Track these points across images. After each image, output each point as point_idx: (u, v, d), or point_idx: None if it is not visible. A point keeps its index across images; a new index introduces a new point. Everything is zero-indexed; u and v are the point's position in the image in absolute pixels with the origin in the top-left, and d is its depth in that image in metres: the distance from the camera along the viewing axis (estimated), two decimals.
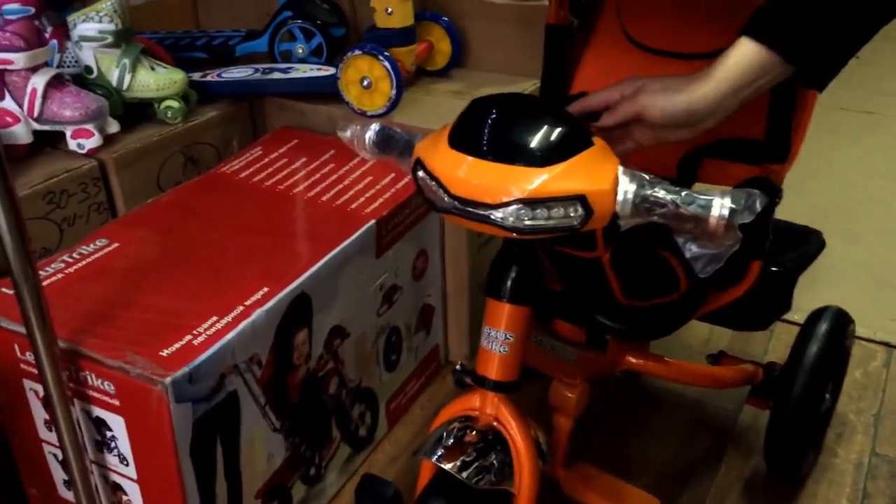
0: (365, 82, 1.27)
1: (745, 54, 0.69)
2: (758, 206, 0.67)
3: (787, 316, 1.17)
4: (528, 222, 0.70)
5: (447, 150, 0.73)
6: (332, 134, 1.33)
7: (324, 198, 1.16)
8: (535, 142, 0.70)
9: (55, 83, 1.16)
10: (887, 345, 1.49)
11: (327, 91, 1.33)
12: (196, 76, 1.38)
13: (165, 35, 1.54)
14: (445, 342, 1.43)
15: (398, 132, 0.84)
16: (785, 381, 1.09)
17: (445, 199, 0.72)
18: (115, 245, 1.03)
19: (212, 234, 1.07)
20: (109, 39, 1.22)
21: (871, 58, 0.71)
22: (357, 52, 1.26)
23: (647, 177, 0.70)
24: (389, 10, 1.31)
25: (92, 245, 1.02)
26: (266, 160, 1.26)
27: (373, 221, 1.10)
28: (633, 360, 1.14)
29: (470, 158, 0.71)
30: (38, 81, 1.14)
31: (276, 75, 1.37)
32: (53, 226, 1.13)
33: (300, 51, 1.44)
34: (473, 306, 1.38)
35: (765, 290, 1.02)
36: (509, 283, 0.80)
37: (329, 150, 1.28)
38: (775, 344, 1.51)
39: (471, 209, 0.71)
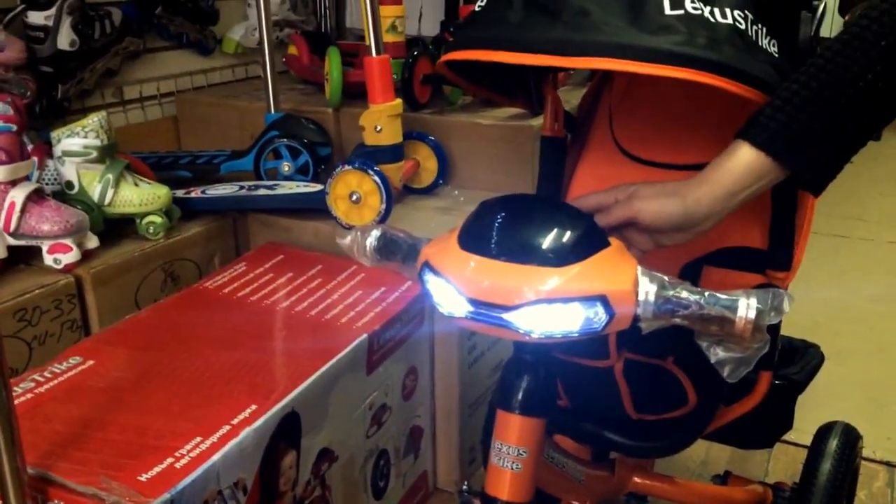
0: (354, 197, 1.26)
1: (741, 158, 0.69)
2: (786, 306, 0.65)
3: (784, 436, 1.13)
4: (547, 325, 0.66)
5: (459, 251, 0.70)
6: (319, 250, 1.32)
7: (312, 312, 1.11)
8: (552, 241, 0.68)
9: (35, 197, 1.13)
10: (888, 464, 1.45)
11: (315, 207, 1.31)
12: (180, 193, 1.36)
13: (149, 154, 1.53)
14: (434, 467, 1.36)
15: (401, 236, 0.82)
16: (800, 501, 1.03)
17: (459, 302, 0.69)
18: (90, 363, 0.96)
19: (194, 350, 1.01)
20: (94, 155, 1.20)
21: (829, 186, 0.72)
22: (347, 167, 1.25)
23: (666, 278, 0.68)
24: (378, 127, 1.31)
25: (65, 363, 0.96)
26: (251, 275, 1.22)
27: (364, 335, 1.05)
28: (639, 480, 1.08)
29: (484, 259, 0.68)
30: (18, 195, 1.10)
31: (263, 191, 1.35)
32: (23, 344, 1.06)
33: (286, 168, 1.43)
34: (464, 428, 1.32)
35: (771, 405, 0.98)
36: (521, 393, 0.76)
37: (316, 265, 1.25)
38: (774, 465, 1.45)
39: (487, 312, 0.67)
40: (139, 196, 1.24)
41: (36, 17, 1.43)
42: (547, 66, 0.69)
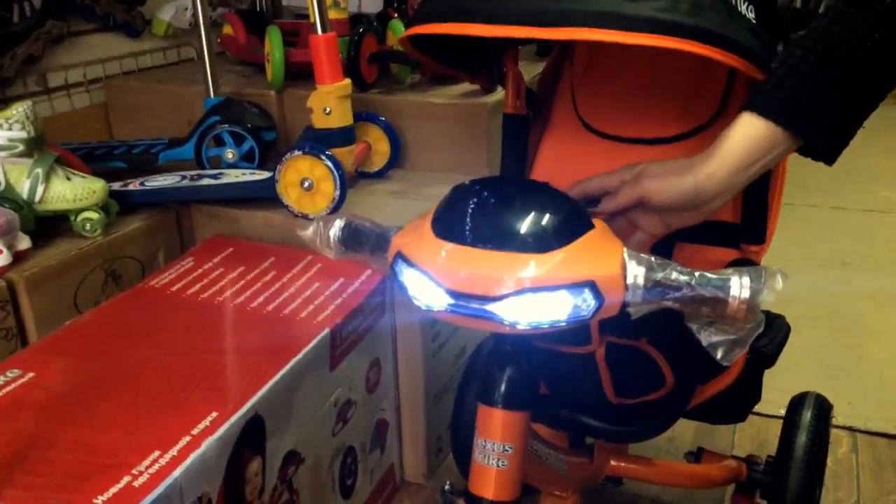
0: (306, 184, 1.20)
1: (750, 131, 0.65)
2: (779, 284, 0.62)
3: None
4: (533, 315, 0.62)
5: (434, 240, 0.65)
6: (271, 241, 1.25)
7: (268, 308, 1.05)
8: (534, 225, 0.63)
9: None
10: (850, 429, 1.46)
11: (264, 195, 1.24)
12: (116, 186, 1.27)
13: (79, 145, 1.43)
14: (401, 460, 1.31)
15: (367, 226, 0.76)
16: (779, 474, 1.02)
17: (438, 294, 0.64)
18: (30, 375, 0.89)
19: (144, 355, 0.94)
20: (20, 148, 1.11)
21: None
22: (297, 152, 1.19)
23: (654, 259, 0.64)
24: (328, 109, 1.25)
25: (2, 377, 0.88)
26: (199, 271, 1.15)
27: (326, 330, 1.00)
28: (616, 463, 1.06)
29: (462, 247, 0.64)
30: None
31: (207, 181, 1.28)
32: None
33: (230, 156, 1.36)
34: (430, 418, 1.28)
35: (742, 380, 0.97)
36: (503, 386, 0.72)
37: (269, 257, 1.18)
38: (740, 436, 1.46)
39: (468, 304, 0.63)
40: (73, 191, 1.15)
41: None
42: (524, 38, 0.65)
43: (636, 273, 0.63)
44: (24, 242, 1.09)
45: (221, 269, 1.15)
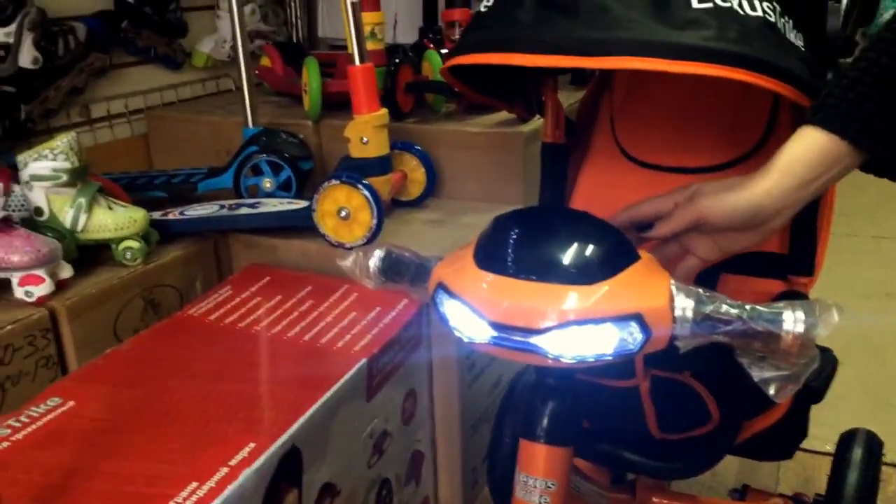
0: (343, 213, 1.20)
1: (812, 145, 0.63)
2: (835, 318, 0.60)
3: None
4: (578, 348, 0.61)
5: (476, 271, 0.65)
6: (308, 269, 1.25)
7: (305, 337, 1.05)
8: (579, 256, 0.62)
9: (2, 226, 1.05)
10: None
11: (301, 225, 1.25)
12: (157, 215, 1.29)
13: (121, 175, 1.45)
14: (436, 493, 1.30)
15: (408, 256, 0.76)
16: None
17: (481, 326, 0.63)
18: (70, 404, 0.89)
19: (182, 385, 0.94)
20: (64, 178, 1.13)
21: None
22: (334, 181, 1.19)
23: (702, 291, 0.63)
24: (365, 139, 1.25)
25: (42, 405, 0.88)
26: (237, 300, 1.15)
27: (363, 361, 0.99)
28: (658, 500, 1.03)
29: (505, 279, 0.63)
30: None
31: (245, 210, 1.29)
32: None
33: (268, 185, 1.37)
34: (466, 449, 1.26)
35: (788, 415, 0.94)
36: (546, 421, 0.70)
37: (306, 286, 1.18)
38: (784, 473, 1.42)
39: (511, 336, 0.62)
40: (114, 220, 1.16)
41: None
42: (567, 67, 0.64)
43: (685, 306, 0.62)
44: (66, 271, 1.11)
45: (259, 299, 1.15)
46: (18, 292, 1.05)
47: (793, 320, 0.60)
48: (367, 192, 1.18)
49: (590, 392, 0.81)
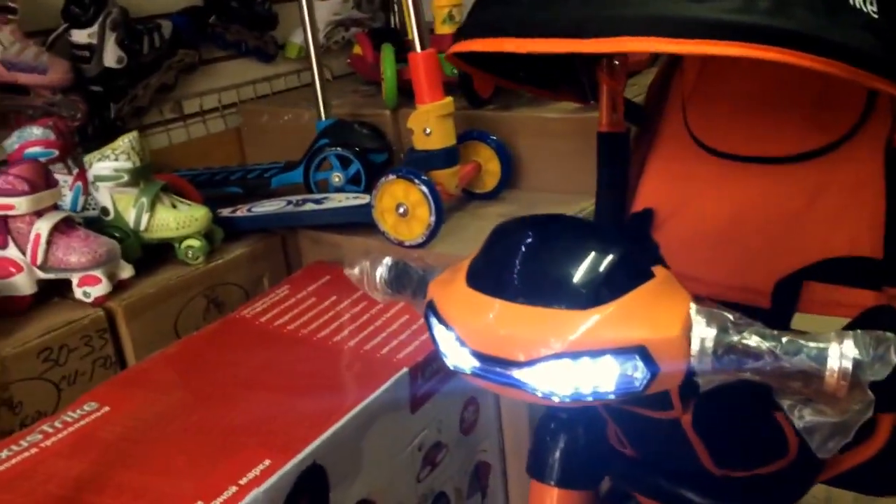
0: (401, 209, 1.14)
1: None
2: (894, 356, 0.47)
3: None
4: (571, 385, 0.52)
5: (464, 290, 0.57)
6: None
7: (351, 343, 1.00)
8: (576, 274, 0.53)
9: (63, 227, 1.07)
10: None
11: (363, 221, 1.20)
12: (225, 212, 1.28)
13: (200, 171, 1.46)
14: None
15: (413, 267, 0.69)
16: None
17: (463, 354, 0.55)
18: (105, 409, 0.89)
19: (216, 392, 0.92)
20: (125, 178, 1.13)
21: None
22: (391, 176, 1.13)
23: (730, 317, 0.52)
24: (428, 130, 1.18)
25: (78, 410, 0.88)
26: (292, 300, 1.12)
27: (405, 370, 0.93)
28: None
29: (492, 300, 0.54)
30: (43, 226, 1.04)
31: (309, 206, 1.25)
32: (50, 386, 1.00)
33: (336, 179, 1.33)
34: None
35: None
36: (557, 460, 0.62)
37: None
38: None
39: (492, 369, 0.53)
40: (176, 219, 1.16)
41: (79, 36, 1.39)
42: (561, 52, 0.54)
43: (705, 336, 0.51)
44: (127, 271, 1.11)
45: (313, 299, 1.12)
46: (77, 293, 1.07)
47: (839, 357, 0.48)
48: (424, 188, 1.11)
49: (625, 415, 0.71)
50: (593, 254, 0.54)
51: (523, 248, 0.55)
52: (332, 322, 1.05)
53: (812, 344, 0.49)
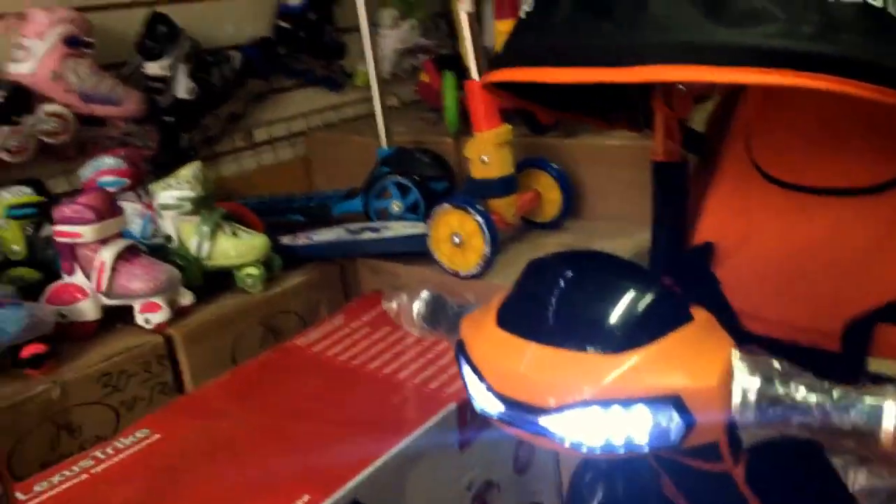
0: (456, 239, 1.12)
1: None
2: None
3: None
4: (601, 435, 0.49)
5: (493, 330, 0.54)
6: None
7: (400, 375, 0.99)
8: (607, 315, 0.50)
9: (127, 255, 1.09)
10: None
11: (420, 250, 1.19)
12: (285, 240, 1.29)
13: (264, 199, 1.49)
14: None
15: (449, 302, 0.67)
16: None
17: (490, 398, 0.53)
18: (156, 437, 0.90)
19: (265, 421, 0.91)
20: (188, 207, 1.16)
21: None
22: (446, 206, 1.12)
23: (777, 366, 0.48)
24: (485, 158, 1.17)
25: (131, 437, 0.90)
26: (346, 329, 1.11)
27: (453, 405, 0.91)
28: None
29: (519, 343, 0.52)
30: (107, 254, 1.07)
31: (367, 235, 1.25)
32: (109, 411, 1.02)
33: (396, 208, 1.33)
34: None
35: None
36: None
37: None
38: None
39: (517, 414, 0.51)
40: (236, 247, 1.18)
41: (153, 68, 1.43)
42: (593, 81, 0.52)
43: (747, 386, 0.47)
44: (187, 298, 1.13)
45: (367, 329, 1.11)
46: (139, 319, 1.09)
47: (894, 414, 0.43)
48: (479, 217, 1.09)
49: (678, 467, 0.67)
50: (627, 294, 0.51)
51: (552, 288, 0.53)
52: (385, 353, 1.04)
53: (867, 399, 0.44)
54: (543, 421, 0.50)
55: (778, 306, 0.82)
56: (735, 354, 0.48)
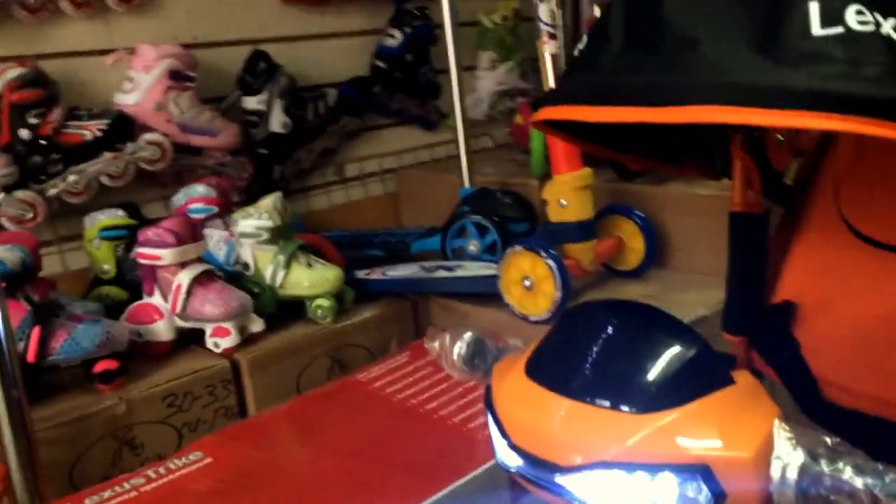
0: (527, 282, 1.09)
1: None
2: None
3: None
4: (622, 500, 0.45)
5: (520, 378, 0.51)
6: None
7: (456, 418, 0.96)
8: (640, 373, 0.46)
9: (203, 279, 1.12)
10: None
11: (491, 291, 1.16)
12: (361, 273, 1.30)
13: (347, 233, 1.50)
14: None
15: (490, 345, 0.64)
16: None
17: (508, 450, 0.50)
18: (208, 461, 0.90)
19: (312, 456, 0.91)
20: (265, 236, 1.18)
21: None
22: (518, 247, 1.09)
23: (827, 441, 0.43)
24: (563, 202, 1.14)
25: (184, 458, 0.91)
26: (409, 368, 1.10)
27: None
28: None
29: (543, 395, 0.49)
30: (184, 277, 1.10)
31: (440, 273, 1.24)
32: (172, 431, 1.04)
33: (473, 248, 1.31)
34: None
35: None
36: None
37: None
38: None
39: (535, 470, 0.47)
40: (309, 278, 1.19)
41: (250, 102, 1.48)
42: (632, 121, 0.48)
43: (788, 461, 0.42)
44: (257, 325, 1.15)
45: (430, 369, 1.09)
46: (209, 342, 1.11)
47: None
48: (551, 262, 1.06)
49: None
50: (663, 351, 0.47)
51: (582, 340, 0.49)
52: (443, 395, 1.02)
53: None
54: (561, 480, 0.46)
55: (865, 377, 0.75)
56: (777, 425, 0.44)
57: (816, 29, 0.44)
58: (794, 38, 0.44)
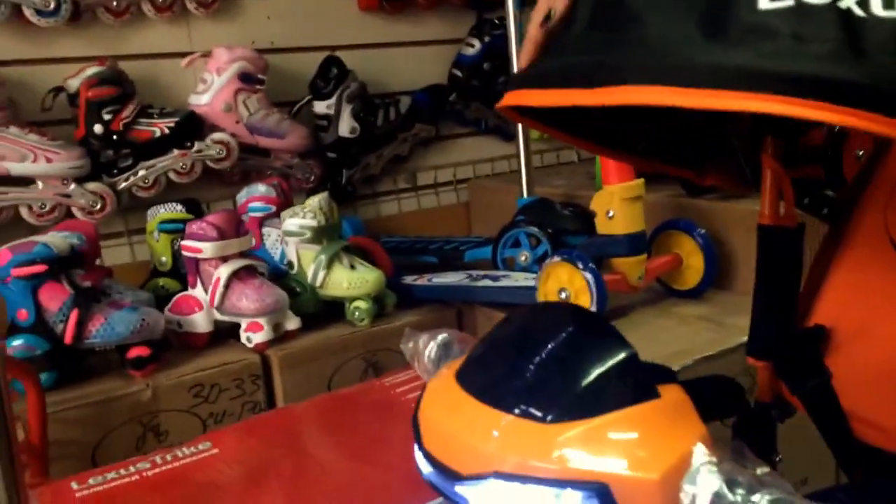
0: (563, 294, 1.04)
1: None
2: None
3: None
4: None
5: (447, 382, 0.48)
6: None
7: None
8: (551, 382, 0.42)
9: (243, 274, 1.13)
10: None
11: (529, 302, 1.11)
12: (408, 279, 1.28)
13: (406, 239, 1.49)
14: None
15: (457, 347, 0.61)
16: None
17: (419, 455, 0.46)
18: (214, 451, 0.90)
19: (320, 455, 0.89)
20: (308, 235, 1.18)
21: None
22: (556, 258, 1.04)
23: (756, 471, 0.37)
24: (611, 213, 1.08)
25: (192, 448, 0.90)
26: None
27: None
28: None
29: (461, 398, 0.45)
30: (224, 271, 1.12)
31: (484, 283, 1.21)
32: (197, 420, 1.05)
33: (523, 258, 1.26)
34: None
35: None
36: None
37: None
38: None
39: (439, 478, 0.44)
40: (349, 279, 1.18)
41: (320, 107, 1.50)
42: (568, 105, 0.44)
43: (699, 489, 0.37)
44: (293, 323, 1.15)
45: None
46: (243, 337, 1.12)
47: None
48: (588, 275, 1.01)
49: None
50: (582, 358, 0.42)
51: (507, 344, 0.45)
52: None
53: None
54: (460, 489, 0.42)
55: None
56: (699, 447, 0.38)
57: (765, 2, 0.38)
58: (742, 13, 0.39)
